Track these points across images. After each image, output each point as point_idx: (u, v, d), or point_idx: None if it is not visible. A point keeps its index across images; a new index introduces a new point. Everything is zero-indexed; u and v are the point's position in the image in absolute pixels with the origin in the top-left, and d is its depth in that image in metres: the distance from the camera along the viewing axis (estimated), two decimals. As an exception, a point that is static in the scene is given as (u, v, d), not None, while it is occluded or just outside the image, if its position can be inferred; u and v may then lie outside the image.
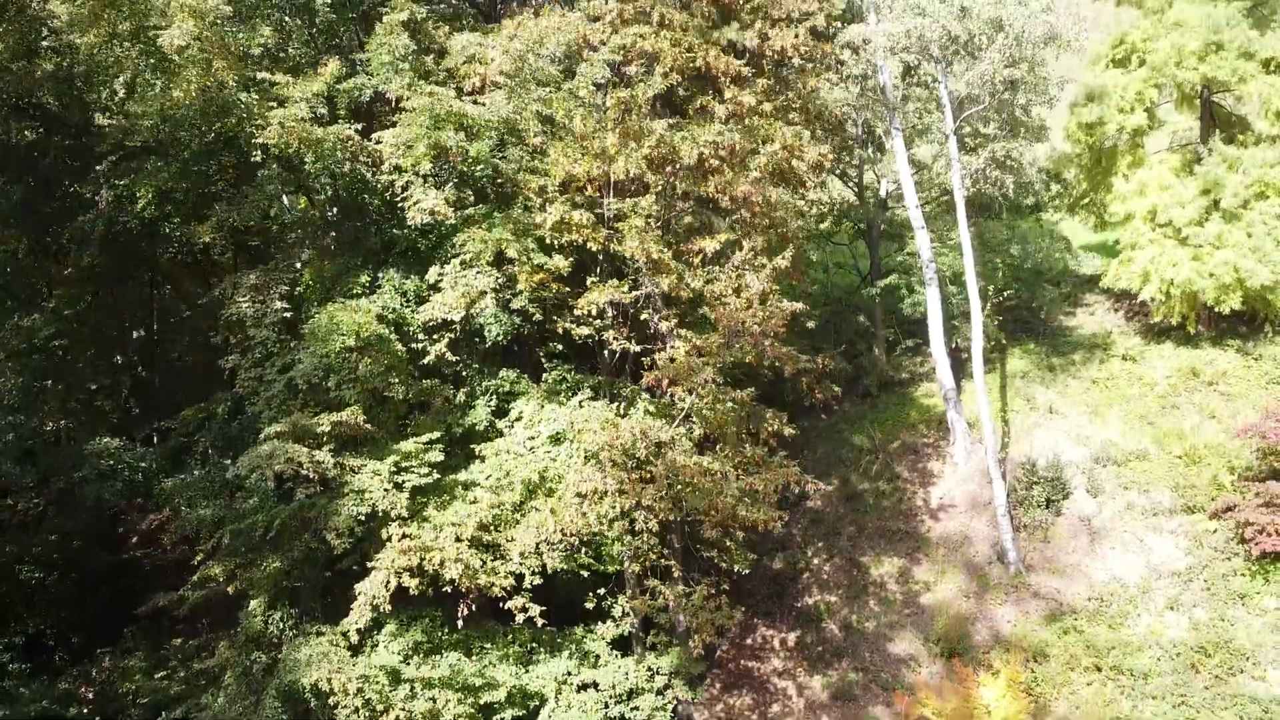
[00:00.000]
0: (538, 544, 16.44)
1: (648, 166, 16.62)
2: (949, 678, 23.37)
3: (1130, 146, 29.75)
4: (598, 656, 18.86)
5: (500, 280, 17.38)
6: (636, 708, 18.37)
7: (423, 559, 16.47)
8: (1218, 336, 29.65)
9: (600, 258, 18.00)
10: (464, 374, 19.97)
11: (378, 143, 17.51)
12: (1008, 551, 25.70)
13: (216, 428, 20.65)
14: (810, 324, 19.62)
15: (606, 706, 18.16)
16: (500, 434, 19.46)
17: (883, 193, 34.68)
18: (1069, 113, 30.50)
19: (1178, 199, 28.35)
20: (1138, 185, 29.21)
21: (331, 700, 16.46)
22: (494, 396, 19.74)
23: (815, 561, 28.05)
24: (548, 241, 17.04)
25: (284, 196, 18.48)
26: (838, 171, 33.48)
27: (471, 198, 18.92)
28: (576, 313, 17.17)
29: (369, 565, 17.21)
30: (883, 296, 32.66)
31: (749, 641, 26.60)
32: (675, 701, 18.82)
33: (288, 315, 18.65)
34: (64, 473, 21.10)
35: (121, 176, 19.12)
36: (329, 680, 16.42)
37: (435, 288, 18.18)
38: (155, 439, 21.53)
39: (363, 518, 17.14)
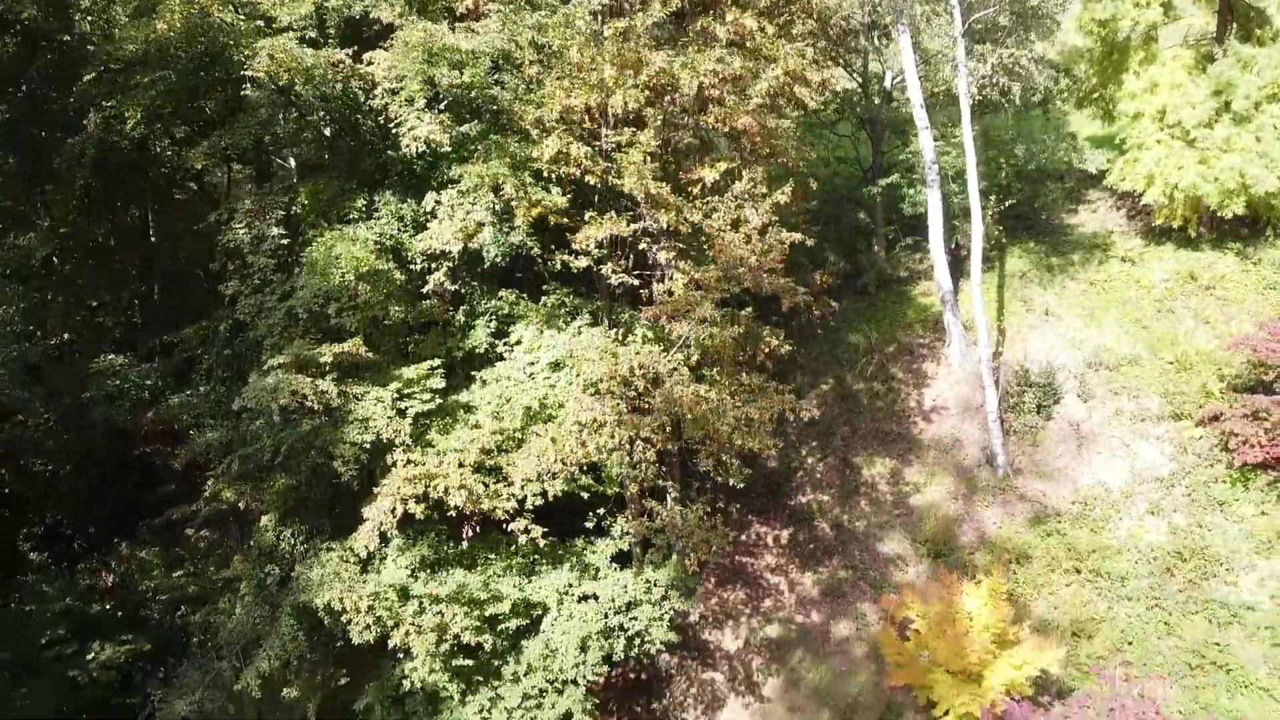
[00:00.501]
0: (539, 473, 16.93)
1: (645, 102, 16.29)
2: (935, 579, 24.38)
3: (1144, 41, 28.92)
4: (598, 569, 19.68)
5: (498, 206, 17.28)
6: (635, 618, 19.29)
7: (427, 487, 17.01)
8: (1218, 239, 29.55)
9: (598, 191, 17.86)
10: (463, 292, 20.08)
11: (370, 64, 17.11)
12: (997, 455, 26.36)
13: (219, 346, 20.91)
14: (809, 243, 19.53)
15: (606, 617, 19.07)
16: (500, 358, 19.73)
17: (887, 84, 33.88)
18: (1081, 5, 29.53)
19: (1188, 99, 27.77)
20: (1148, 83, 28.55)
21: (344, 618, 17.30)
22: (493, 319, 19.92)
23: (809, 461, 28.78)
24: (545, 175, 16.88)
25: (278, 117, 18.15)
26: (841, 61, 32.58)
27: (468, 117, 18.60)
28: (575, 247, 17.16)
29: (374, 491, 17.79)
30: (884, 194, 32.33)
31: (744, 538, 27.56)
32: (672, 611, 19.71)
33: (285, 242, 18.62)
34: (70, 392, 21.47)
35: (109, 96, 18.74)
36: (341, 600, 17.22)
37: (433, 214, 18.10)
38: (159, 354, 21.79)
39: (367, 445, 17.60)
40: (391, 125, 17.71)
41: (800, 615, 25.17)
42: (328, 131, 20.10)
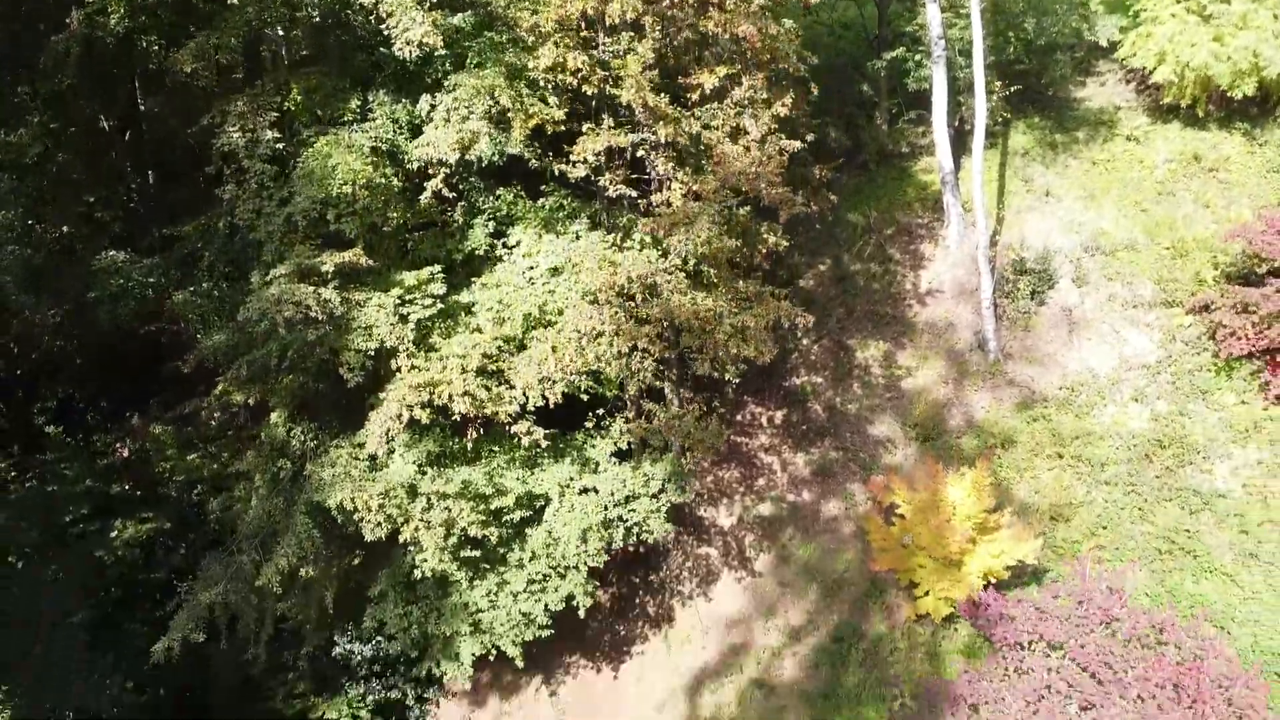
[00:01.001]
0: (540, 380, 17.40)
1: (644, 7, 15.81)
2: (922, 462, 25.33)
3: (1164, -95, 27.69)
4: (598, 464, 20.45)
5: (495, 112, 17.08)
6: (633, 510, 20.19)
7: (432, 394, 17.52)
8: (1226, 118, 29.06)
9: (596, 101, 17.57)
10: (462, 189, 20.01)
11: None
12: (989, 341, 26.82)
13: (220, 242, 21.01)
14: (810, 138, 19.31)
15: (605, 509, 19.96)
16: (499, 260, 19.89)
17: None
18: None
19: (1205, -29, 26.82)
20: (1165, -50, 27.50)
21: (356, 516, 18.15)
22: (492, 218, 19.96)
23: (804, 343, 29.25)
24: (541, 84, 16.58)
25: (264, 15, 17.66)
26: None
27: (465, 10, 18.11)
28: (573, 159, 17.04)
29: (380, 396, 18.32)
30: (888, 67, 31.56)
31: (739, 418, 28.38)
32: (669, 504, 20.60)
33: (279, 146, 18.46)
34: (74, 292, 21.68)
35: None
36: (353, 499, 18.02)
37: (428, 117, 17.90)
38: (159, 249, 21.89)
39: (372, 352, 18.01)
40: (383, 26, 17.28)
41: (792, 494, 26.23)
42: (316, 17, 19.54)
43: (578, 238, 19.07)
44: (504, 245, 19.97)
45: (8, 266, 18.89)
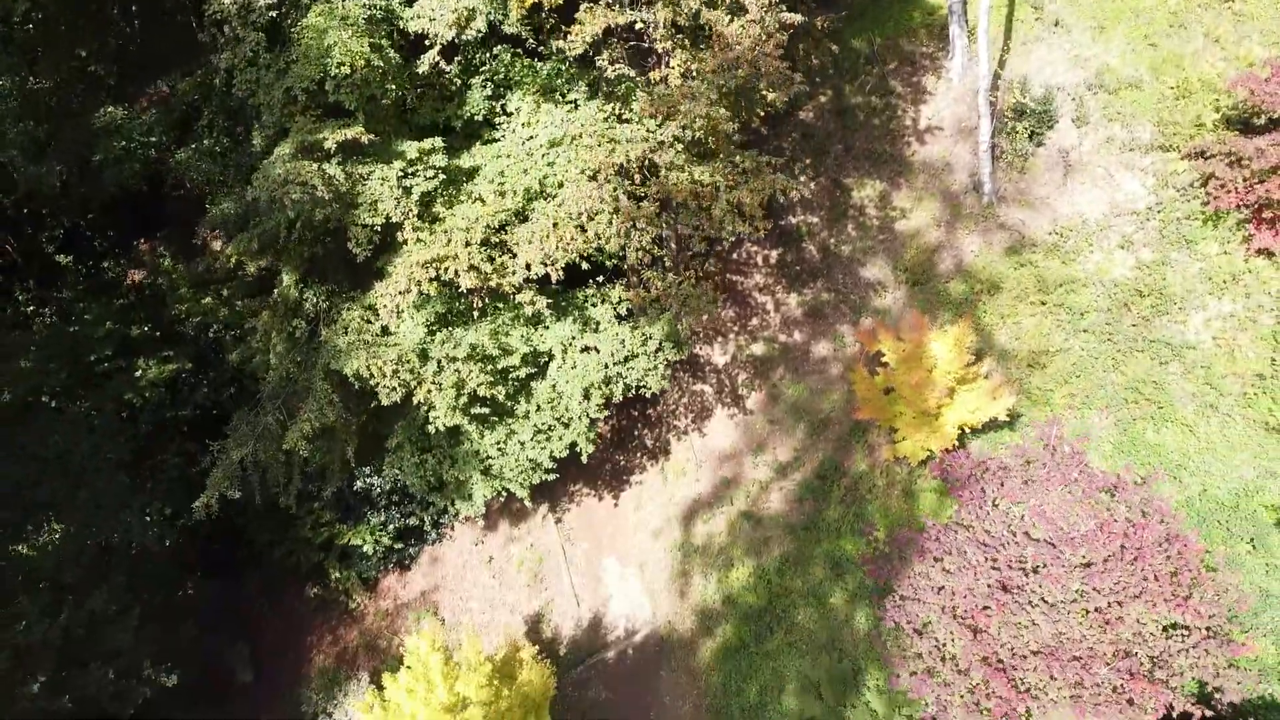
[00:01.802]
0: (542, 257, 18.06)
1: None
2: (911, 306, 26.31)
3: None
4: (598, 324, 21.40)
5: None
6: (632, 368, 21.34)
7: (439, 270, 18.23)
8: (1249, -57, 27.92)
9: None
10: (459, 45, 19.77)
11: None
12: (984, 184, 27.07)
13: (217, 101, 20.98)
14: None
15: (606, 368, 21.11)
16: (498, 129, 19.99)
17: None
18: None
19: None
20: None
21: (372, 382, 19.31)
22: (490, 81, 19.88)
23: (801, 179, 29.45)
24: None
25: None
26: None
27: None
28: (570, 39, 16.87)
29: (389, 263, 19.01)
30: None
31: (735, 256, 29.06)
32: (665, 361, 21.72)
33: (273, 14, 18.15)
34: (78, 153, 21.73)
35: None
36: (368, 367, 19.10)
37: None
38: (154, 102, 21.80)
39: (378, 227, 18.55)
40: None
41: (783, 335, 27.35)
42: None
43: (576, 106, 19.12)
44: (503, 110, 20.00)
45: (12, 140, 18.99)
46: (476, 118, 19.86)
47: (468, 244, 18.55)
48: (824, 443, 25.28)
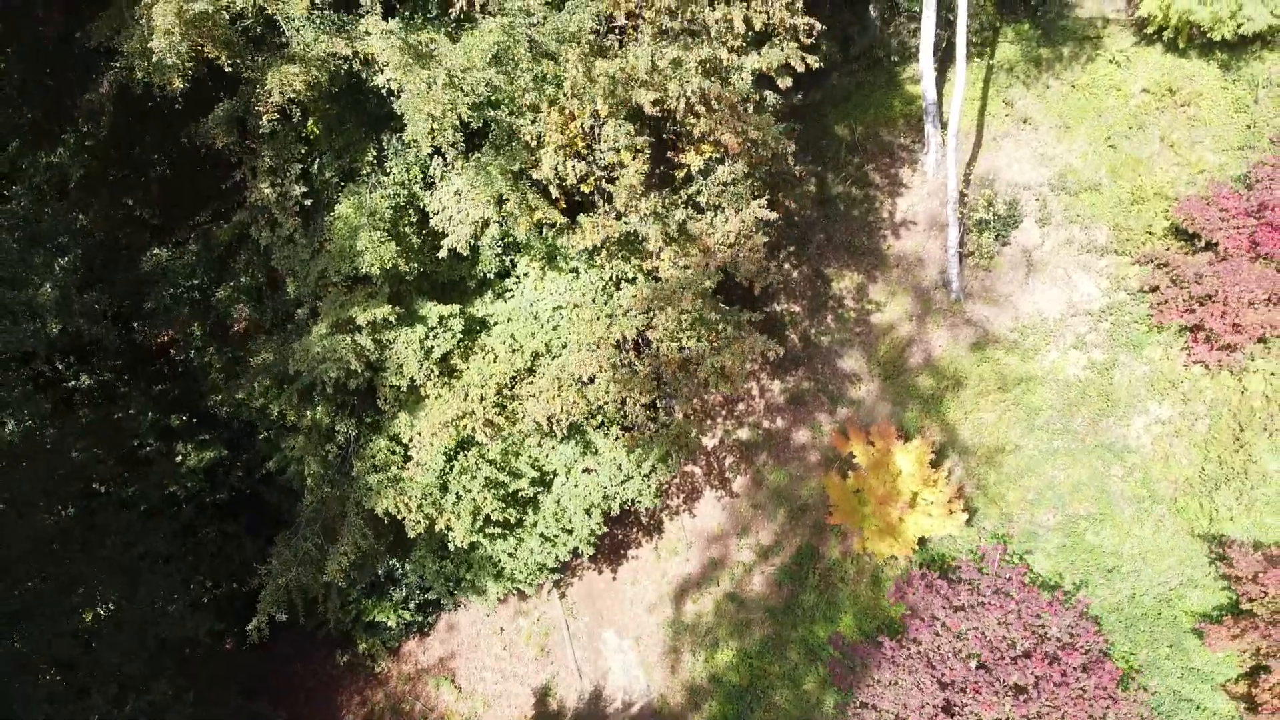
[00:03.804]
0: (547, 417, 20.58)
1: (635, 132, 17.34)
2: (883, 399, 28.84)
3: None
4: (598, 449, 23.98)
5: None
6: (627, 488, 23.98)
7: (458, 427, 20.78)
8: (1206, 48, 29.86)
9: (594, 193, 19.31)
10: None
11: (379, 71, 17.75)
12: (952, 281, 29.40)
13: (252, 248, 23.28)
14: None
15: (605, 490, 23.75)
16: (507, 277, 22.38)
17: None
18: None
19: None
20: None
21: (399, 517, 21.98)
22: (500, 244, 22.20)
23: (786, 266, 31.72)
24: (544, 183, 18.39)
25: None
26: None
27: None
28: (573, 242, 19.17)
29: (409, 415, 21.56)
30: (881, -16, 31.68)
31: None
32: (658, 482, 24.35)
33: (308, 202, 20.42)
34: (131, 300, 24.07)
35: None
36: (397, 505, 21.76)
37: (443, 177, 19.81)
38: (195, 240, 24.07)
39: (404, 388, 21.06)
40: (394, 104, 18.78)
41: (767, 421, 29.92)
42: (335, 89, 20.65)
43: (577, 275, 21.47)
44: (512, 265, 22.35)
45: (79, 310, 21.25)
46: (489, 275, 22.21)
47: (482, 399, 21.07)
48: (802, 528, 27.99)
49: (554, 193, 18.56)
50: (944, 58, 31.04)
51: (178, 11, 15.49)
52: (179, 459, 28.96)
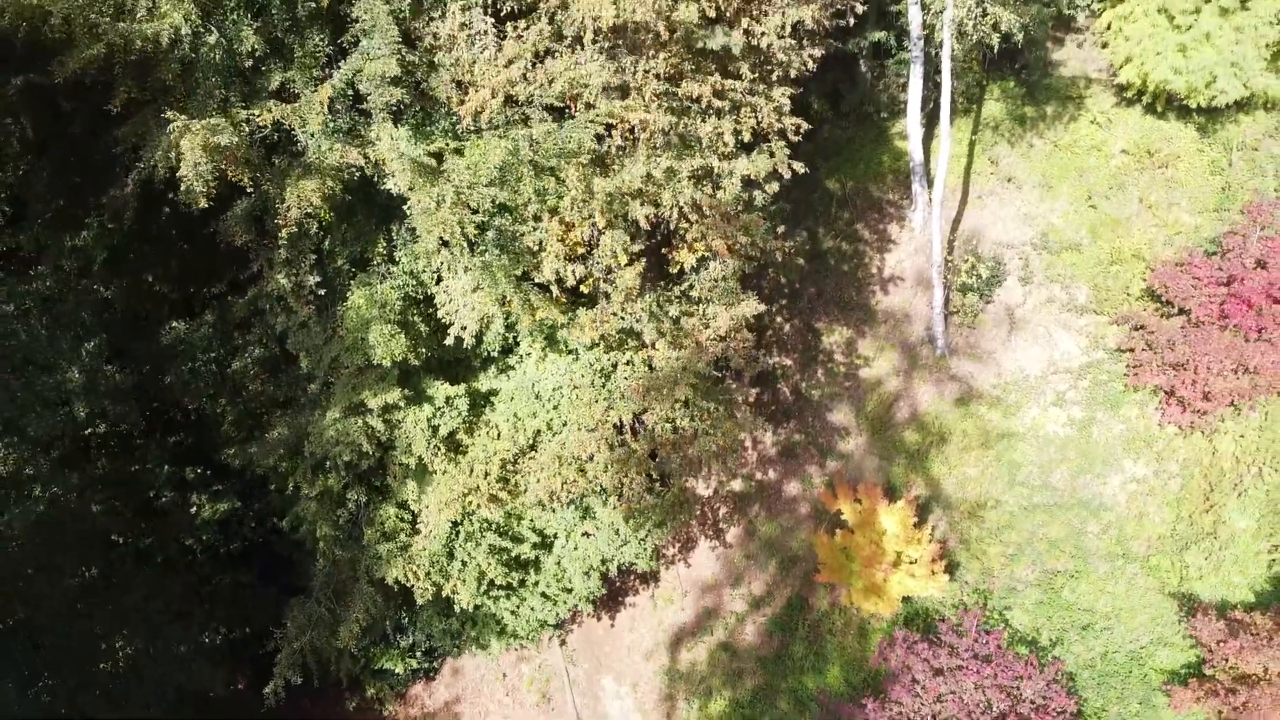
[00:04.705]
0: (549, 494, 21.76)
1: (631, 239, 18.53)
2: (870, 453, 29.99)
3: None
4: (596, 515, 25.16)
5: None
6: (623, 551, 25.17)
7: (463, 504, 21.95)
8: (1183, 111, 30.93)
9: (591, 293, 20.49)
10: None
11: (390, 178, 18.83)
12: (937, 338, 30.53)
13: (265, 324, 24.40)
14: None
15: (603, 553, 24.94)
16: (510, 353, 23.53)
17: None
18: None
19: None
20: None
21: (408, 584, 23.18)
22: (503, 323, 23.32)
23: (778, 320, 32.87)
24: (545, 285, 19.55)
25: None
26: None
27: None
28: (574, 332, 20.35)
29: (419, 493, 22.72)
30: (870, 48, 32.79)
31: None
32: (653, 545, 25.55)
33: (322, 292, 21.54)
34: (153, 377, 25.21)
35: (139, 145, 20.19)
36: (405, 574, 22.95)
37: (450, 269, 20.91)
38: (212, 309, 25.18)
39: (413, 466, 22.22)
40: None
41: (760, 473, 31.08)
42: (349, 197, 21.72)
43: (577, 357, 22.61)
44: (515, 342, 23.48)
45: (105, 391, 22.39)
46: (493, 354, 23.35)
47: (487, 474, 22.24)
48: (793, 579, 29.18)
49: (555, 291, 19.68)
50: (931, 115, 32.05)
51: (204, 144, 16.59)
52: (194, 509, 30.10)
